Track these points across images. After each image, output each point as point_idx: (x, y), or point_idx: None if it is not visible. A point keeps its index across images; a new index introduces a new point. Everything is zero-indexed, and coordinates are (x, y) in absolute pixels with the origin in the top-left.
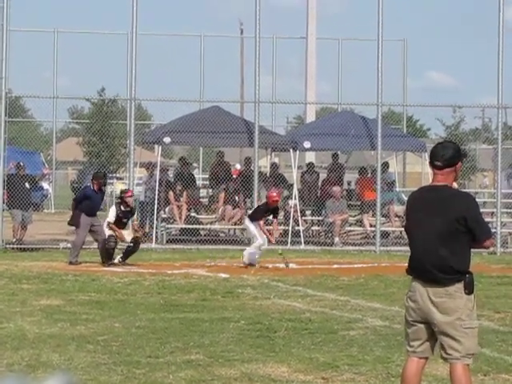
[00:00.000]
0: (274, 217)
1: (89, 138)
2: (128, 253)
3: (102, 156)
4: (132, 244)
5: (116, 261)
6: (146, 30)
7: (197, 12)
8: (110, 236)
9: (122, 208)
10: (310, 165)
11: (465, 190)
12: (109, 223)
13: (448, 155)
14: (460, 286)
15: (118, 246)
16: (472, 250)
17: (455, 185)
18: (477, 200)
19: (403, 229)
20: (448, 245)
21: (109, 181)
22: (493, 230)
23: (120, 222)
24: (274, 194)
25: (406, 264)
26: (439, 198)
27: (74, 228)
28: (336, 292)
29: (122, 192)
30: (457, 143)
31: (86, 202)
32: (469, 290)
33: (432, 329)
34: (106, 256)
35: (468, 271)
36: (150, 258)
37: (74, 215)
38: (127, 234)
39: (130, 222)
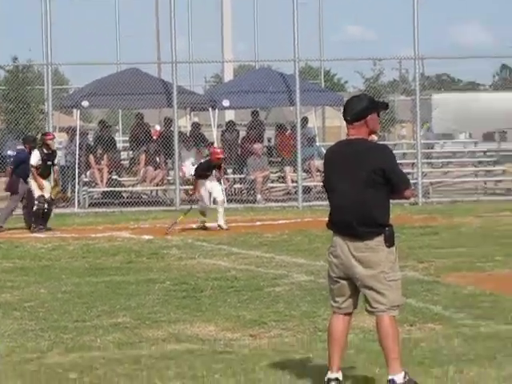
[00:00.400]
0: (219, 171)
1: (6, 106)
2: (46, 216)
3: (20, 123)
4: (46, 207)
5: (33, 228)
6: None
7: None
8: (39, 197)
9: (45, 151)
10: (230, 123)
11: (384, 142)
12: (32, 166)
13: (356, 109)
14: (380, 239)
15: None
16: (393, 201)
17: (375, 137)
18: (396, 151)
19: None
20: (367, 197)
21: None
22: (414, 181)
23: (45, 166)
24: (218, 151)
25: (327, 218)
26: (356, 152)
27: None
28: (260, 249)
29: (43, 135)
30: (369, 95)
31: (23, 166)
32: (389, 242)
33: (355, 284)
34: (35, 219)
35: (388, 224)
36: (73, 223)
37: (11, 181)
38: (47, 191)
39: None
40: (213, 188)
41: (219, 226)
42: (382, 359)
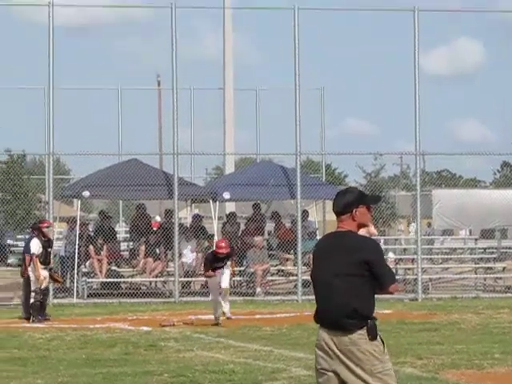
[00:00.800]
0: (231, 262)
1: (2, 196)
2: (43, 306)
3: (18, 214)
4: (41, 297)
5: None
6: (62, 84)
7: (114, 65)
8: (36, 289)
9: (43, 238)
10: (231, 215)
11: (385, 237)
12: (33, 255)
13: (342, 202)
14: (363, 332)
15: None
16: (393, 296)
17: (374, 231)
18: (397, 246)
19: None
20: (350, 290)
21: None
22: (414, 277)
23: (46, 253)
24: (223, 245)
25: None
26: (341, 244)
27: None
28: (259, 342)
29: (39, 222)
30: (357, 189)
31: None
32: (372, 335)
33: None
34: (33, 310)
35: (371, 317)
36: (71, 313)
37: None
38: (45, 281)
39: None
40: (222, 278)
41: (223, 312)
42: None
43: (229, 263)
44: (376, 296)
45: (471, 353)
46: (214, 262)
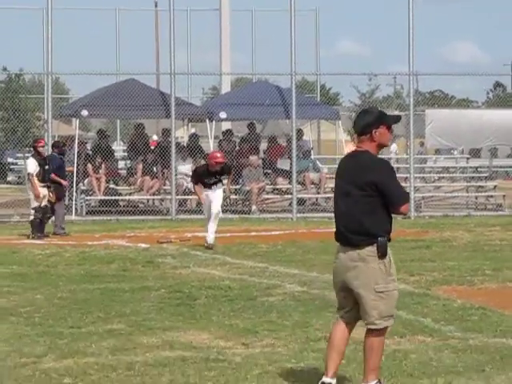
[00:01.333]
0: (228, 176)
1: (1, 115)
2: (42, 224)
3: (18, 131)
4: (41, 214)
5: (32, 236)
6: (60, 5)
7: None
8: (35, 207)
9: (38, 157)
10: (228, 132)
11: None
12: (29, 174)
13: (362, 123)
14: (372, 249)
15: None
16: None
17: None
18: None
19: (318, 195)
20: (361, 208)
21: (27, 154)
22: None
23: (44, 171)
24: (218, 155)
25: (323, 230)
26: (356, 164)
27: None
28: (254, 259)
29: (35, 142)
30: (378, 109)
31: (60, 171)
32: (382, 252)
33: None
34: (32, 227)
35: (382, 234)
36: (70, 230)
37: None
38: (44, 199)
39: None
40: (213, 199)
41: (205, 239)
42: None
43: (225, 183)
44: None
45: (462, 269)
46: (203, 176)
